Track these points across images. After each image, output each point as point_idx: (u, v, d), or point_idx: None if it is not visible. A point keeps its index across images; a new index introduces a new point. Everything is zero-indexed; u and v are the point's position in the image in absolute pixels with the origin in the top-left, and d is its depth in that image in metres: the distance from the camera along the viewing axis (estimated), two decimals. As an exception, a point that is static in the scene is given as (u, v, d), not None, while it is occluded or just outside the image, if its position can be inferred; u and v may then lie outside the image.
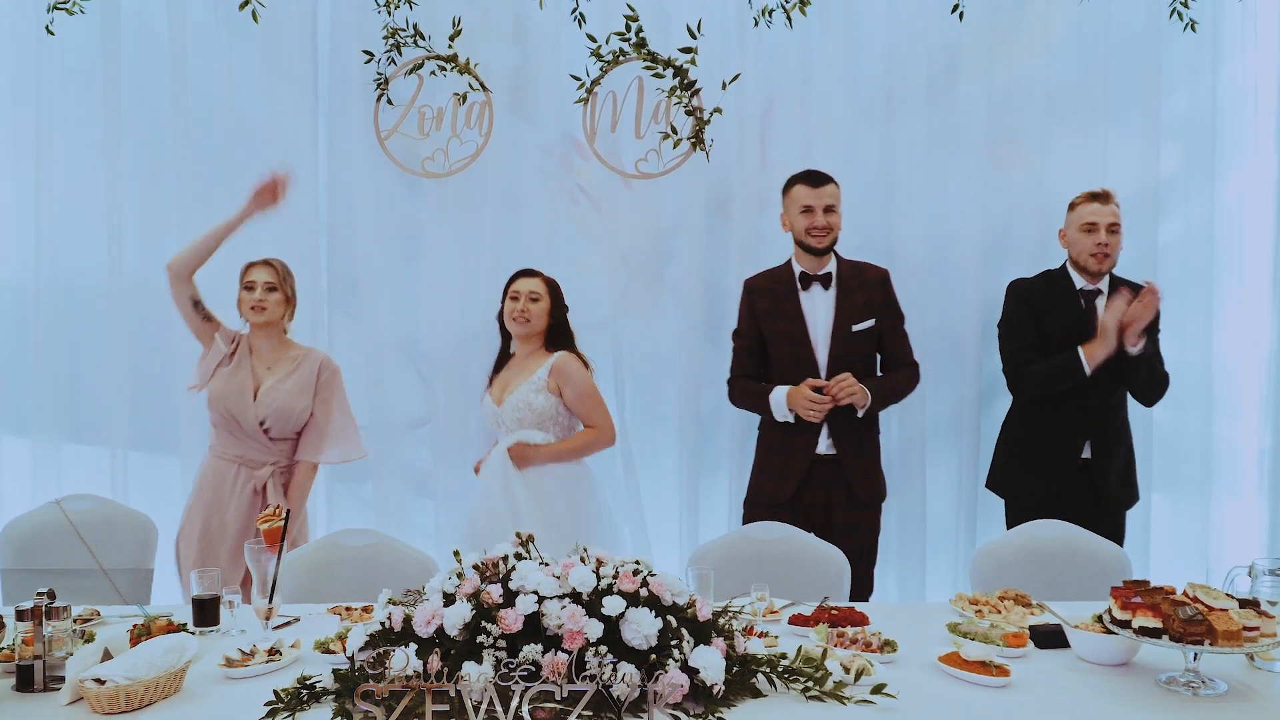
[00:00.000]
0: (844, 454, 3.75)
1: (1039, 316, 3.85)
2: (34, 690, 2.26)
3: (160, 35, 4.37)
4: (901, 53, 4.40)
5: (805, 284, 3.80)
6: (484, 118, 4.37)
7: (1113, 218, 3.79)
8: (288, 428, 3.76)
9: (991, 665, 2.32)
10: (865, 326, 3.76)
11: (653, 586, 2.24)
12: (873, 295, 3.79)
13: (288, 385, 3.73)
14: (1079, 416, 3.81)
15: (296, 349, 3.83)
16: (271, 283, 3.73)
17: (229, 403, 3.68)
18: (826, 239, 3.75)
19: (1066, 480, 3.82)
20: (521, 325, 3.79)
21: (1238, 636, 2.18)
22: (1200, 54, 4.39)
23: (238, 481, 3.73)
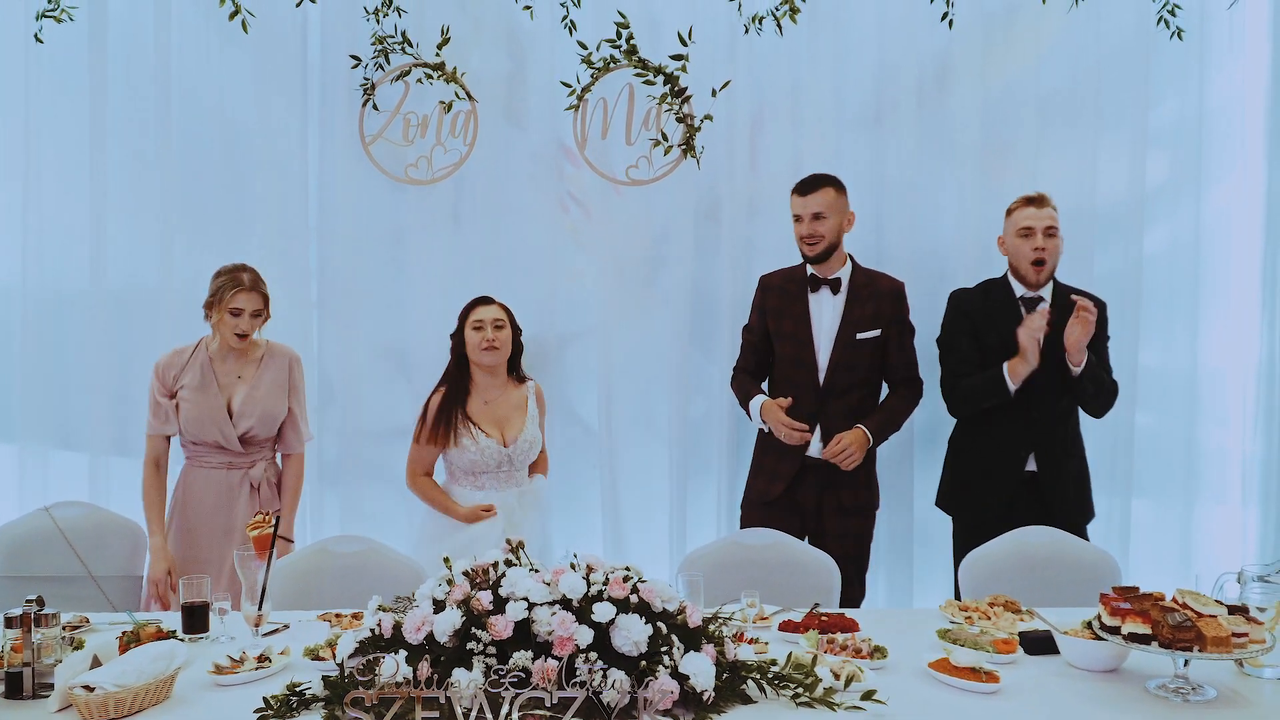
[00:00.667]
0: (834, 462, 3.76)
1: (977, 327, 3.81)
2: (23, 698, 2.25)
3: (148, 44, 4.35)
4: (892, 61, 4.42)
5: (815, 286, 3.82)
6: (469, 126, 4.37)
7: (1049, 221, 3.72)
8: (271, 429, 3.73)
9: (981, 671, 2.33)
10: (870, 336, 3.77)
11: (643, 593, 2.24)
12: (883, 306, 3.80)
13: (263, 389, 3.68)
14: (1021, 429, 3.75)
15: (259, 346, 3.76)
16: (258, 309, 3.65)
17: (203, 429, 3.63)
18: (817, 246, 3.75)
19: (1013, 494, 3.76)
20: (492, 355, 3.74)
21: (1227, 643, 2.19)
22: (1188, 63, 4.41)
23: (228, 483, 3.68)
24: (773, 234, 4.39)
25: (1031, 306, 3.75)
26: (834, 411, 3.77)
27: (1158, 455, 4.50)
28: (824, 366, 3.77)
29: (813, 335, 3.79)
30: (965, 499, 3.92)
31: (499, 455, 3.70)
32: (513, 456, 3.72)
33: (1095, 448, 4.28)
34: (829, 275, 3.82)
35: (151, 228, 4.38)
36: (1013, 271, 3.83)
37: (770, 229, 4.42)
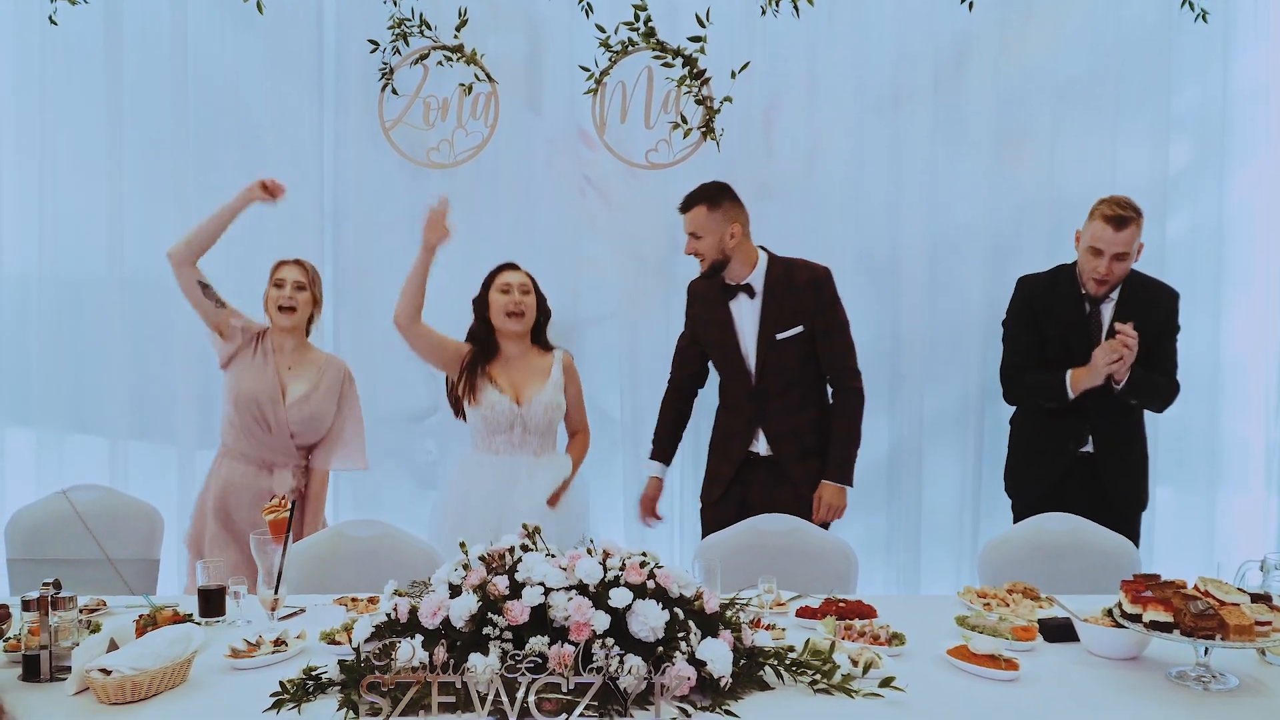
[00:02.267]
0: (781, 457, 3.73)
1: (1039, 318, 3.76)
2: (40, 680, 2.26)
3: (163, 26, 4.37)
4: (910, 44, 4.38)
5: (731, 293, 3.75)
6: (490, 109, 4.36)
7: (1122, 247, 3.53)
8: (315, 436, 3.74)
9: (1000, 659, 2.31)
10: (792, 334, 3.69)
11: (660, 578, 2.23)
12: (802, 300, 3.70)
13: (319, 394, 3.71)
14: (1079, 416, 3.71)
15: (317, 354, 3.80)
16: (301, 282, 3.69)
17: (260, 404, 3.63)
18: (702, 264, 3.71)
19: (1067, 472, 3.73)
20: (517, 321, 3.67)
21: (1249, 631, 2.16)
22: (1211, 47, 4.36)
23: (259, 488, 3.68)
24: (790, 219, 4.37)
25: (1095, 302, 3.68)
26: (774, 411, 3.72)
27: (1180, 443, 4.47)
28: (754, 372, 3.73)
29: (739, 341, 3.74)
30: (1022, 479, 3.90)
31: (511, 414, 3.62)
32: (525, 418, 3.62)
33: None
34: (740, 281, 3.73)
35: (167, 213, 4.39)
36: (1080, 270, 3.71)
37: (787, 214, 4.39)
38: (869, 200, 4.42)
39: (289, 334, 3.72)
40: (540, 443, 3.69)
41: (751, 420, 3.75)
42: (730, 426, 3.82)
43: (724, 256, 3.68)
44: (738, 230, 3.68)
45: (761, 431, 3.74)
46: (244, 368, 3.68)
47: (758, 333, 3.71)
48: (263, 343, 3.72)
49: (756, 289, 3.72)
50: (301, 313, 3.70)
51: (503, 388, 3.64)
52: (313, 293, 3.73)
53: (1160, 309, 3.72)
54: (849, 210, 4.41)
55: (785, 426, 3.72)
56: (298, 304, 3.67)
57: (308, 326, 3.79)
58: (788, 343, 3.69)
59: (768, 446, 3.74)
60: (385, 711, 2.00)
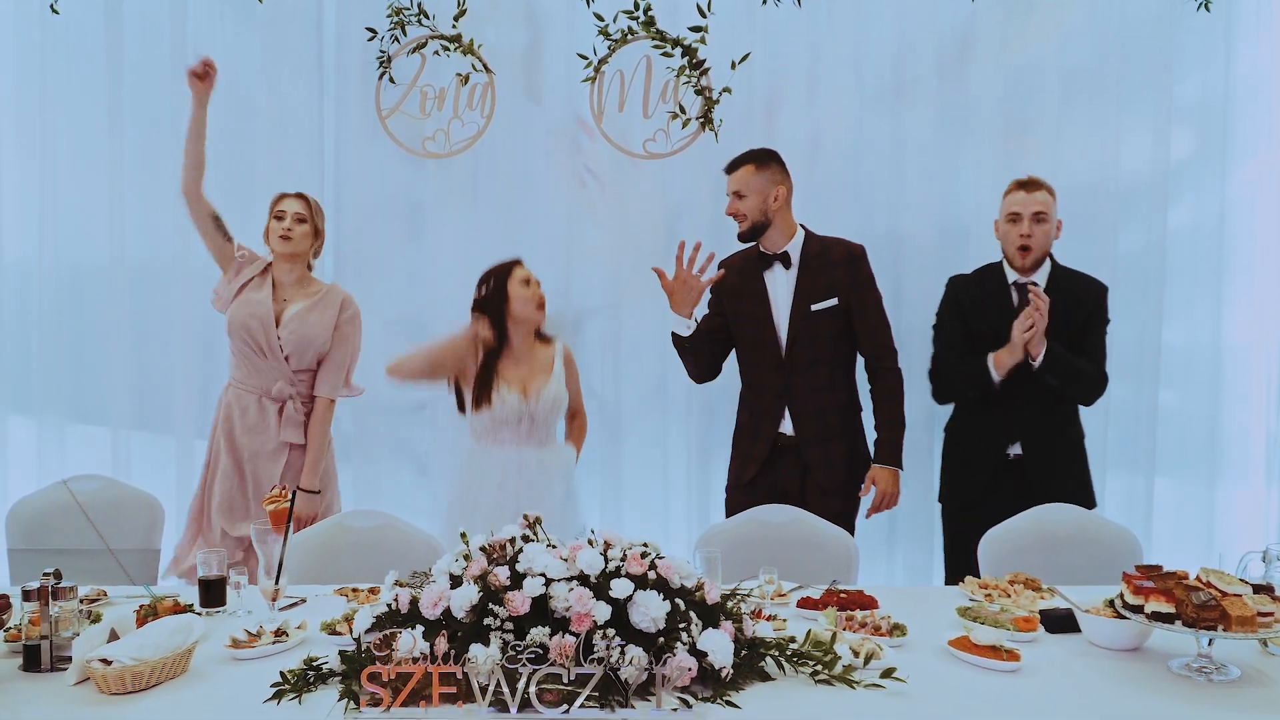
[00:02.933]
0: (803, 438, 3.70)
1: (967, 314, 3.74)
2: (41, 670, 2.26)
3: (163, 15, 4.36)
4: (912, 34, 4.36)
5: (767, 264, 3.72)
6: (486, 99, 4.35)
7: (1039, 206, 3.60)
8: (308, 356, 3.74)
9: (1002, 649, 2.31)
10: (826, 306, 3.66)
11: (661, 569, 2.23)
12: (837, 274, 3.68)
13: (311, 317, 3.73)
14: (1006, 414, 3.66)
15: (318, 284, 3.83)
16: (301, 214, 3.72)
17: (250, 328, 3.67)
18: (741, 225, 3.68)
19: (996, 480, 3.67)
20: (542, 311, 3.65)
21: (1251, 622, 2.16)
22: (1213, 37, 4.35)
23: (260, 410, 3.72)
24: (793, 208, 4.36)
25: (1023, 292, 3.64)
26: (800, 388, 3.68)
27: (1181, 434, 4.47)
28: (784, 343, 3.70)
29: (771, 312, 3.70)
30: (951, 486, 3.87)
31: (519, 409, 3.61)
32: (533, 413, 3.62)
33: (1119, 426, 4.26)
34: (776, 250, 3.72)
35: (168, 202, 4.36)
36: (1004, 255, 3.75)
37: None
38: (871, 191, 4.41)
39: (289, 265, 3.75)
40: (544, 434, 3.70)
41: (779, 396, 3.71)
42: (757, 405, 3.75)
43: (765, 219, 3.67)
44: (782, 194, 3.69)
45: (788, 409, 3.70)
46: (243, 298, 3.73)
47: (791, 304, 3.68)
48: (263, 275, 3.77)
49: (793, 259, 3.70)
50: (300, 243, 3.73)
51: (511, 383, 3.63)
52: (314, 224, 3.76)
53: (1087, 298, 3.69)
54: (850, 201, 4.39)
55: (811, 405, 3.68)
56: (294, 235, 3.70)
57: (310, 260, 3.83)
58: (821, 316, 3.66)
59: (792, 426, 3.70)
60: (386, 702, 2.00)
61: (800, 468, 3.70)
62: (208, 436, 3.97)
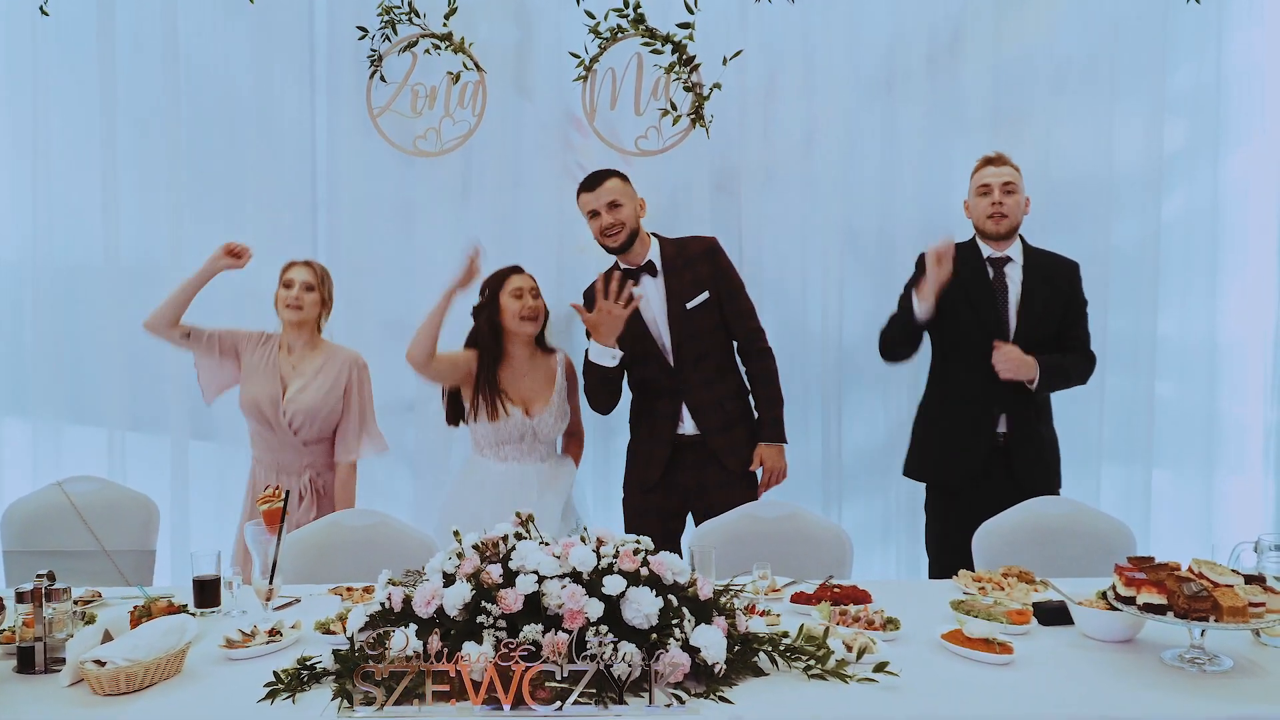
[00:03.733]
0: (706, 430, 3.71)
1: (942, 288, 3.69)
2: (35, 672, 2.26)
3: (155, 14, 4.35)
4: (903, 27, 4.37)
5: (634, 277, 3.70)
6: (477, 97, 4.34)
7: (1008, 177, 3.65)
8: (314, 429, 3.72)
9: (995, 643, 2.31)
10: (699, 301, 3.68)
11: (653, 566, 2.23)
12: (700, 269, 3.70)
13: (315, 384, 3.71)
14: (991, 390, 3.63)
15: (326, 348, 3.81)
16: (310, 283, 3.73)
17: (260, 401, 3.67)
18: (619, 236, 3.65)
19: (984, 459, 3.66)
20: (532, 325, 3.65)
21: (1243, 613, 2.16)
22: (1206, 28, 4.35)
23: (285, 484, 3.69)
24: (785, 204, 4.37)
25: (999, 266, 3.69)
26: (695, 384, 3.70)
27: (1176, 425, 4.47)
28: (669, 348, 3.70)
29: (650, 322, 3.70)
30: (935, 465, 3.82)
31: (522, 426, 3.63)
32: (536, 429, 3.65)
33: (1114, 418, 4.26)
34: (639, 262, 3.71)
35: (161, 202, 4.39)
36: (977, 231, 3.75)
37: (782, 199, 4.39)
38: (863, 184, 4.42)
39: (297, 333, 3.76)
40: (546, 449, 3.74)
41: (674, 397, 3.72)
42: (654, 409, 3.77)
43: (636, 228, 3.69)
44: (643, 204, 3.74)
45: (685, 406, 3.72)
46: (252, 373, 3.73)
47: (667, 308, 3.69)
48: (269, 345, 3.78)
49: (657, 266, 3.72)
50: (308, 312, 3.73)
51: (513, 400, 3.63)
52: (321, 293, 3.76)
53: (1062, 279, 3.71)
54: (843, 194, 4.40)
55: (707, 397, 3.70)
56: (304, 304, 3.71)
57: (320, 323, 3.83)
58: (697, 311, 3.68)
59: (693, 423, 3.72)
60: (379, 700, 2.00)
61: (700, 463, 3.72)
62: (204, 438, 3.98)
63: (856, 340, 4.45)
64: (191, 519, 4.46)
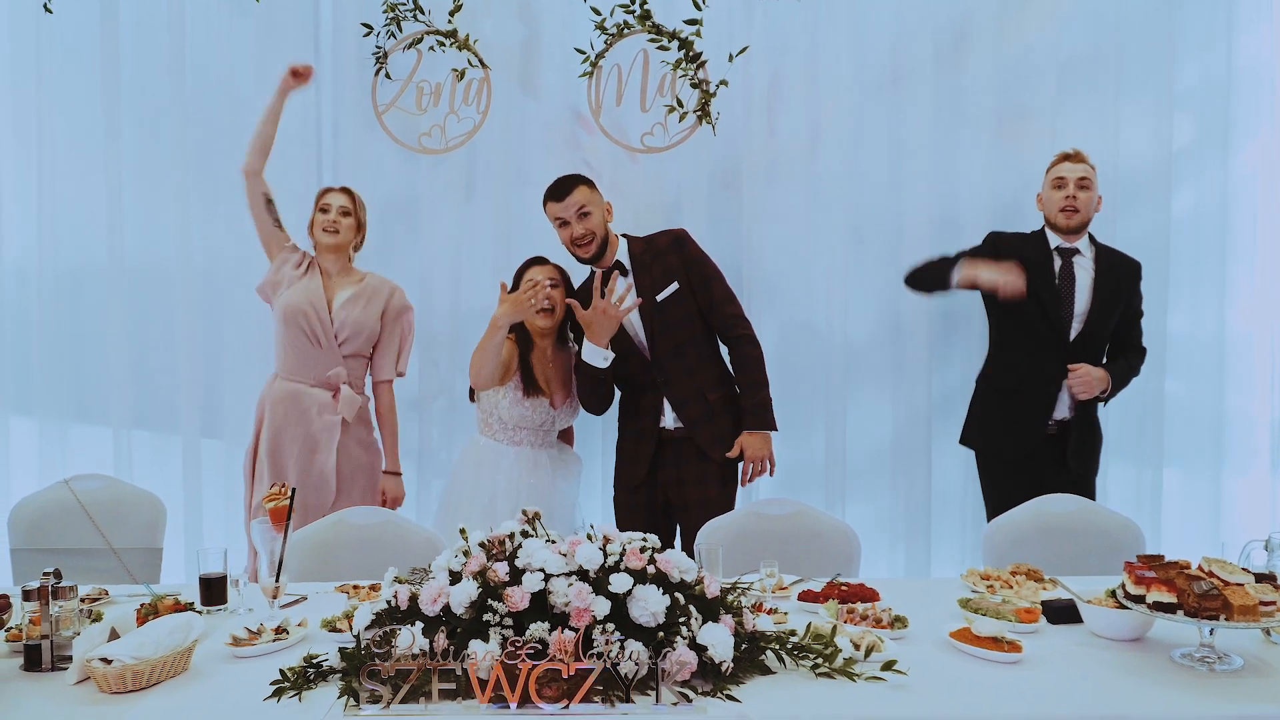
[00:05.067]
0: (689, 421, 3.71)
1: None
2: (41, 670, 2.26)
3: (159, 13, 4.35)
4: (909, 23, 4.35)
5: (606, 279, 3.67)
6: (482, 94, 4.34)
7: (1082, 173, 3.77)
8: (360, 341, 3.84)
9: (1003, 641, 2.30)
10: (669, 292, 3.67)
11: (660, 564, 2.23)
12: (668, 260, 3.69)
13: (360, 304, 3.84)
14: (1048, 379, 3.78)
15: (360, 273, 3.94)
16: (346, 207, 3.84)
17: (306, 315, 3.77)
18: (591, 246, 3.66)
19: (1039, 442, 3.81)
20: (546, 317, 3.69)
21: (1254, 611, 2.15)
22: (1214, 23, 4.34)
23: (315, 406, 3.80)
24: (791, 201, 4.36)
25: (1068, 257, 3.78)
26: (675, 376, 3.70)
27: (1186, 423, 4.46)
28: (645, 343, 3.71)
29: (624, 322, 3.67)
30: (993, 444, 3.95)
31: (545, 415, 3.69)
32: (556, 420, 3.74)
33: (1123, 416, 4.25)
34: (609, 264, 3.72)
35: (166, 201, 4.38)
36: (1048, 223, 3.85)
37: (788, 196, 4.38)
38: (869, 180, 4.40)
39: (334, 257, 3.87)
40: (553, 438, 3.79)
41: (655, 391, 3.73)
42: (637, 406, 3.78)
43: (605, 234, 3.69)
44: (610, 209, 3.75)
45: (666, 401, 3.71)
46: (291, 286, 3.82)
47: (637, 305, 3.67)
48: (310, 265, 3.87)
49: (626, 265, 3.73)
50: (345, 235, 3.85)
51: (543, 388, 3.69)
52: (357, 217, 3.88)
53: (1126, 276, 3.84)
54: (849, 191, 4.39)
55: (688, 389, 3.69)
56: (341, 227, 3.83)
57: (351, 252, 3.93)
58: (668, 303, 3.67)
59: (675, 417, 3.71)
60: (386, 699, 2.00)
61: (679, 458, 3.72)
62: (211, 435, 3.99)
63: (862, 338, 4.45)
64: (199, 517, 4.45)
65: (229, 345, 4.43)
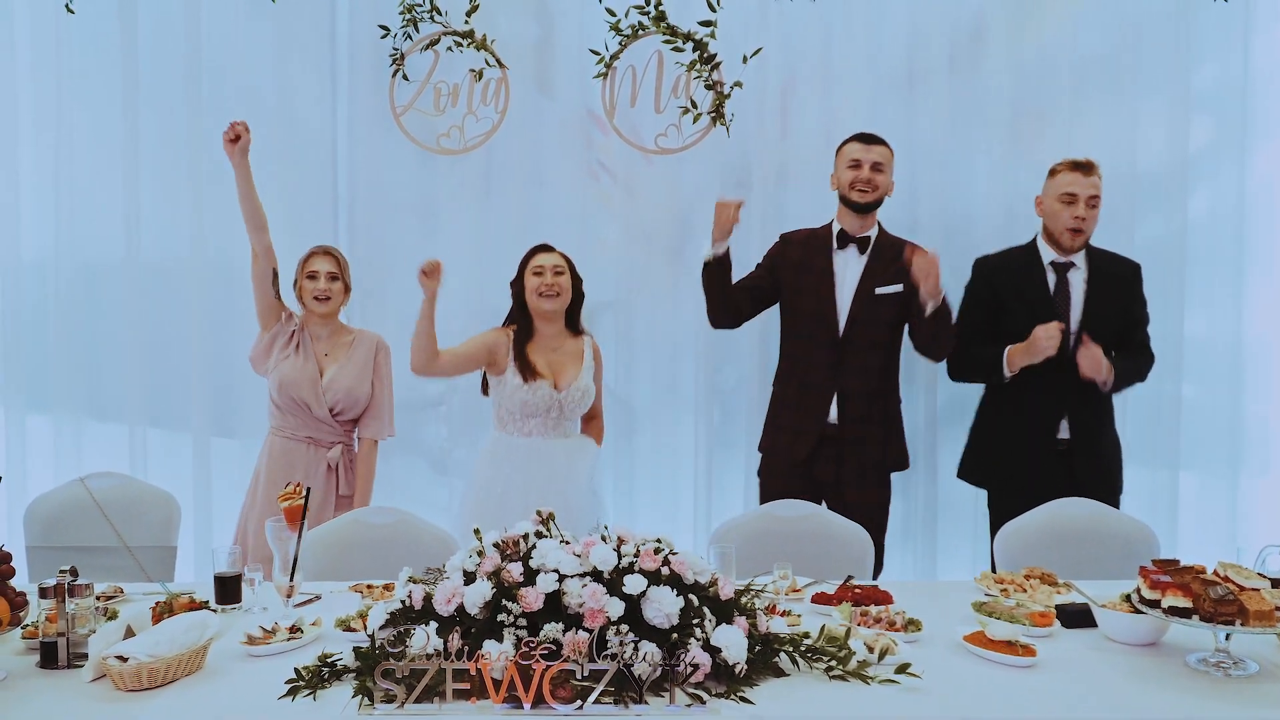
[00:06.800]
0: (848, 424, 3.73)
1: (1000, 294, 3.74)
2: (58, 667, 2.27)
3: (177, 13, 4.36)
4: (924, 24, 4.34)
5: (842, 244, 3.77)
6: (500, 94, 4.34)
7: (1094, 190, 3.63)
8: (356, 410, 3.84)
9: (1017, 645, 2.30)
10: (891, 290, 3.71)
11: (674, 565, 2.23)
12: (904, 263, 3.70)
13: (350, 370, 3.81)
14: (1055, 394, 3.66)
15: (350, 332, 3.91)
16: (334, 272, 3.80)
17: (300, 390, 3.74)
18: (870, 195, 3.72)
19: (1045, 464, 3.68)
20: (551, 301, 3.69)
21: (1270, 617, 2.14)
22: (1231, 25, 4.30)
23: (309, 460, 3.79)
24: (804, 201, 4.34)
25: (1062, 271, 3.69)
26: (851, 369, 3.71)
27: (1202, 426, 4.43)
28: (842, 323, 3.72)
29: (835, 290, 3.74)
30: (995, 469, 3.84)
31: (549, 399, 3.66)
32: (563, 403, 3.68)
33: (1139, 419, 4.23)
34: (859, 233, 3.76)
35: (183, 199, 4.40)
36: (1046, 235, 3.74)
37: (802, 196, 4.37)
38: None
39: (322, 322, 3.84)
40: (570, 426, 3.77)
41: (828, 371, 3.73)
42: (807, 378, 3.78)
43: (882, 199, 3.78)
44: (892, 186, 3.83)
45: (836, 393, 3.73)
46: (283, 360, 3.79)
47: (857, 285, 3.73)
48: (300, 333, 3.84)
49: (869, 245, 3.77)
50: (335, 302, 3.82)
51: (542, 372, 3.67)
52: (344, 280, 3.84)
53: (1124, 280, 3.75)
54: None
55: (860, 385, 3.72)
56: (332, 294, 3.80)
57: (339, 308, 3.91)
58: (885, 300, 3.71)
59: (837, 411, 3.73)
60: (400, 698, 2.00)
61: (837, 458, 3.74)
62: (225, 434, 3.99)
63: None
64: (209, 515, 4.47)
65: (243, 345, 4.41)
